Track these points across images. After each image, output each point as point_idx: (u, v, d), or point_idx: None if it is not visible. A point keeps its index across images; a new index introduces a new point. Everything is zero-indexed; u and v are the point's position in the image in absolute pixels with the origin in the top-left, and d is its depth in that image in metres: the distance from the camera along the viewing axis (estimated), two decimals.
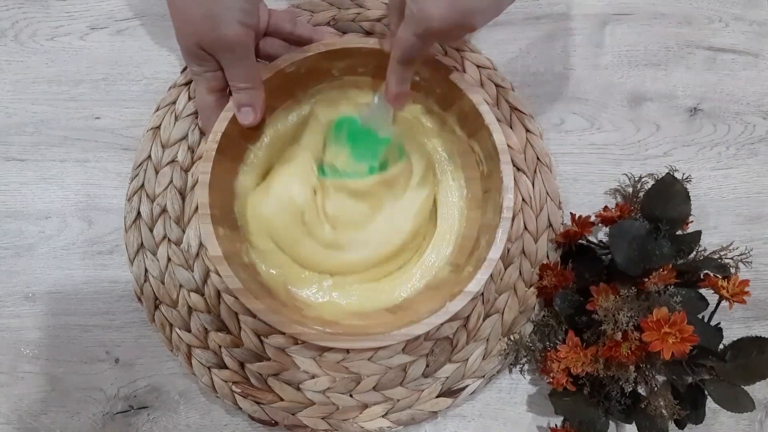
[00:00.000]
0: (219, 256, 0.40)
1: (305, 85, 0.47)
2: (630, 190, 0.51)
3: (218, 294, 0.48)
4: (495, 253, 0.41)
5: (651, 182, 0.48)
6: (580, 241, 0.49)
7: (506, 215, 0.42)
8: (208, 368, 0.47)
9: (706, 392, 0.44)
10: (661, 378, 0.46)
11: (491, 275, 0.48)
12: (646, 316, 0.40)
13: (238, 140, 0.45)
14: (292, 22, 0.46)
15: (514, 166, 0.50)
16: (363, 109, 0.47)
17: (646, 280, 0.43)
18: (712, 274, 0.44)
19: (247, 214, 0.45)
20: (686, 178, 0.47)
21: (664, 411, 0.42)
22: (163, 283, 0.48)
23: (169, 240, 0.48)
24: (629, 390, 0.44)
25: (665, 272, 0.43)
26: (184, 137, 0.50)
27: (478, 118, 0.44)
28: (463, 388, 0.48)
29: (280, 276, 0.45)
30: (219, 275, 0.40)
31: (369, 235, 0.47)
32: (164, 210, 0.49)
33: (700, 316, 0.45)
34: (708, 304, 0.45)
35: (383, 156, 0.47)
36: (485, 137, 0.44)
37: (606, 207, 0.49)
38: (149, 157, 0.50)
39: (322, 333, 0.40)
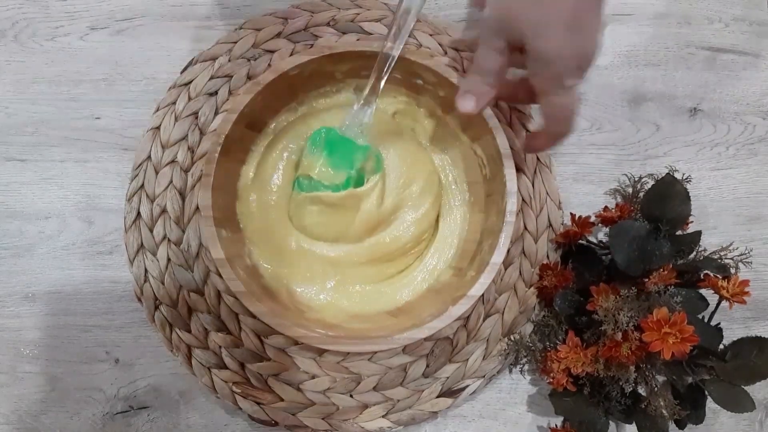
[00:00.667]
0: (222, 258, 0.40)
1: (309, 88, 0.47)
2: (630, 190, 0.51)
3: (218, 294, 0.48)
4: (498, 257, 0.41)
5: (651, 182, 0.49)
6: (580, 241, 0.49)
7: (509, 219, 0.42)
8: (208, 368, 0.47)
9: (706, 392, 0.44)
10: (661, 378, 0.46)
11: None
12: (646, 317, 0.40)
13: (241, 142, 0.45)
14: None
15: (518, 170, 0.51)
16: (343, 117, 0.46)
17: (647, 280, 0.43)
18: (712, 275, 0.44)
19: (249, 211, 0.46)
20: (686, 179, 0.47)
21: (664, 411, 0.42)
22: (163, 283, 0.48)
23: (169, 240, 0.48)
24: (629, 390, 0.44)
25: (665, 272, 0.43)
26: (184, 137, 0.50)
27: (481, 122, 0.44)
28: (464, 389, 0.48)
29: (284, 277, 0.45)
30: (221, 277, 0.40)
31: (368, 242, 0.47)
32: (164, 210, 0.49)
33: (700, 317, 0.45)
34: (708, 304, 0.45)
35: (361, 166, 0.46)
36: (489, 141, 0.44)
37: (606, 207, 0.49)
38: (149, 157, 0.50)
39: (324, 336, 0.40)
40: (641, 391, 0.46)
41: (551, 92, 0.36)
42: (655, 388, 0.44)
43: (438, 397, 0.48)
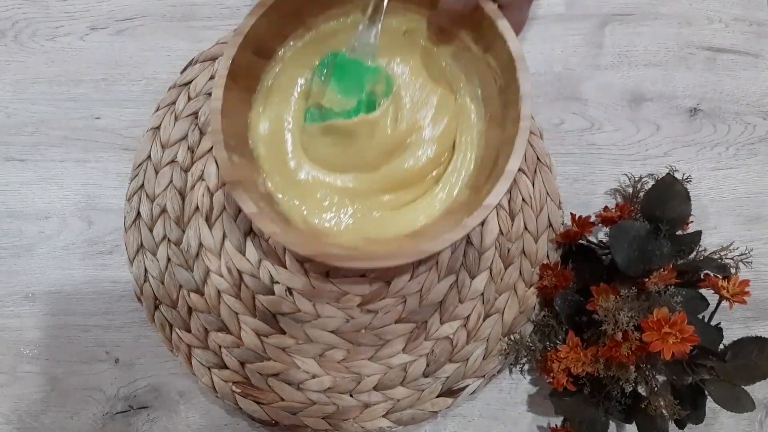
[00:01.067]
0: (234, 181, 0.38)
1: (315, 11, 0.45)
2: (630, 190, 0.51)
3: (218, 294, 0.48)
4: (513, 164, 0.39)
5: (651, 182, 0.49)
6: (580, 241, 0.49)
7: (524, 124, 0.39)
8: (208, 368, 0.47)
9: (706, 392, 0.44)
10: (661, 378, 0.46)
11: (491, 275, 0.49)
12: (646, 316, 0.40)
13: (250, 69, 0.43)
14: None
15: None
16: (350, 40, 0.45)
17: (647, 280, 0.43)
18: (712, 274, 0.44)
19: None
20: (686, 179, 0.47)
21: (664, 411, 0.42)
22: (162, 283, 0.48)
23: (168, 240, 0.48)
24: (629, 390, 0.44)
25: (665, 272, 0.43)
26: (184, 137, 0.50)
27: (491, 28, 0.41)
28: (464, 388, 0.48)
29: (299, 206, 0.44)
30: (220, 276, 0.39)
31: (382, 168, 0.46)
32: (164, 210, 0.49)
33: (700, 316, 0.45)
34: (708, 304, 0.45)
35: (371, 89, 0.45)
36: (500, 47, 0.41)
37: (606, 207, 0.49)
38: (149, 157, 0.50)
39: (339, 254, 0.39)
40: (641, 390, 0.46)
41: (517, 7, 0.42)
42: (655, 388, 0.44)
43: (438, 396, 0.48)
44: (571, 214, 0.49)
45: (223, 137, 0.39)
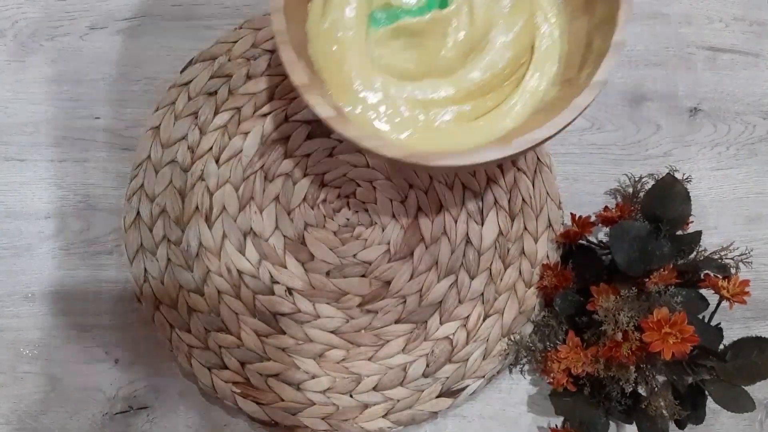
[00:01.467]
0: (305, 84, 0.36)
1: None
2: (630, 190, 0.51)
3: (218, 294, 0.48)
4: (620, 35, 0.36)
5: (651, 182, 0.49)
6: (580, 241, 0.49)
7: None
8: (208, 369, 0.47)
9: (706, 392, 0.44)
10: (661, 378, 0.46)
11: (491, 275, 0.49)
12: (646, 317, 0.40)
13: None
14: None
15: (513, 166, 0.50)
16: None
17: (647, 280, 0.43)
18: (712, 275, 0.44)
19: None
20: (686, 179, 0.47)
21: (664, 411, 0.42)
22: (162, 283, 0.48)
23: (168, 240, 0.48)
24: (630, 390, 0.44)
25: (666, 272, 0.43)
26: (184, 137, 0.50)
27: None
28: (463, 389, 0.48)
29: (369, 120, 0.41)
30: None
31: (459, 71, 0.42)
32: (163, 210, 0.49)
33: (700, 317, 0.45)
34: (708, 304, 0.45)
35: None
36: None
37: (606, 207, 0.49)
38: (149, 157, 0.50)
39: (436, 152, 0.36)
40: (641, 391, 0.46)
41: None
42: (656, 388, 0.44)
43: (438, 397, 0.48)
44: (571, 214, 0.49)
45: (288, 37, 0.36)
